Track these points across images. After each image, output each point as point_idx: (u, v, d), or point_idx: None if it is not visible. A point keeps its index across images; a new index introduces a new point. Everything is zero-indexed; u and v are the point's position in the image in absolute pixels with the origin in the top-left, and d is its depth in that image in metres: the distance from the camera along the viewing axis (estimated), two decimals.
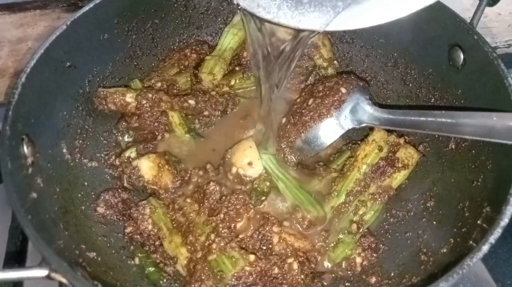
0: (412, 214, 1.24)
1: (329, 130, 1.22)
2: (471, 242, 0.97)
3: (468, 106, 1.21)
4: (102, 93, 1.31)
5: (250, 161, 1.20)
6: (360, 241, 1.16)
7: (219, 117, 1.39)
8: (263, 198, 1.19)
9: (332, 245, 1.15)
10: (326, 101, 1.22)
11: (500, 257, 1.30)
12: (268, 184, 1.20)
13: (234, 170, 1.19)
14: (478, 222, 1.01)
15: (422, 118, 1.07)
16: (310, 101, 1.25)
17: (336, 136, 1.22)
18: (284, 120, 1.31)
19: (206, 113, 1.38)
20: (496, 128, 0.92)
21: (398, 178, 1.22)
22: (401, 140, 1.23)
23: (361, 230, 1.16)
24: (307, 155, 1.25)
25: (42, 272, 0.81)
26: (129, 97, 1.33)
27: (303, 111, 1.25)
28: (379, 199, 1.19)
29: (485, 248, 0.84)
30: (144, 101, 1.32)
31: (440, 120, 1.03)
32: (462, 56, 1.20)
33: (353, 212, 1.18)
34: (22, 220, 0.86)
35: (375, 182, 1.19)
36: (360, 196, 1.19)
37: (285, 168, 1.25)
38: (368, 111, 1.21)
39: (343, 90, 1.22)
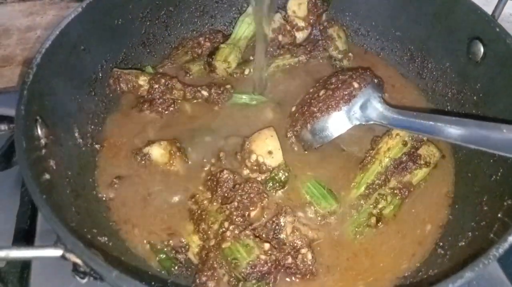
0: None
1: (336, 123, 1.20)
2: (492, 235, 0.96)
3: (486, 100, 1.20)
4: (116, 72, 1.32)
5: (270, 149, 1.18)
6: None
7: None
8: (279, 187, 1.18)
9: (350, 237, 1.13)
10: (336, 94, 1.20)
11: (509, 257, 1.28)
12: (286, 174, 1.18)
13: (254, 157, 1.17)
14: (499, 215, 0.99)
15: (431, 123, 1.07)
16: (321, 92, 1.24)
17: (343, 131, 1.21)
18: (294, 109, 1.31)
19: (217, 107, 1.36)
20: (504, 141, 0.92)
21: (419, 174, 1.20)
22: (425, 137, 1.21)
23: (380, 224, 1.14)
24: (312, 146, 1.24)
25: (57, 252, 0.80)
26: (142, 80, 1.32)
27: (312, 101, 1.24)
28: (399, 195, 1.17)
29: (511, 239, 0.82)
30: (156, 86, 1.31)
31: (450, 127, 1.03)
32: (482, 49, 1.19)
33: (372, 205, 1.16)
34: (37, 199, 0.84)
35: (395, 177, 1.18)
36: (380, 189, 1.17)
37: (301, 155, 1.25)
38: (378, 109, 1.19)
39: (356, 85, 1.20)
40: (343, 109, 1.19)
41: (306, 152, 1.25)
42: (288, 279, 1.06)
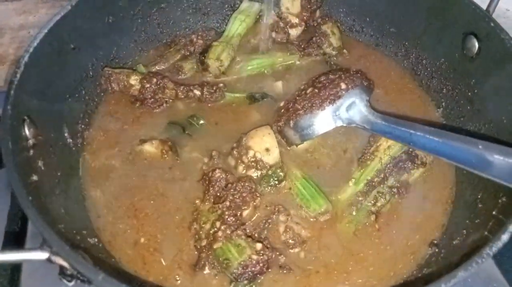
0: None
1: (318, 122, 1.19)
2: (486, 233, 0.95)
3: (481, 95, 1.19)
4: (107, 72, 1.31)
5: (268, 147, 1.17)
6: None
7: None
8: (274, 186, 1.17)
9: (349, 235, 1.12)
10: (322, 93, 1.19)
11: (504, 254, 1.27)
12: (282, 174, 1.17)
13: (251, 153, 1.16)
14: (494, 212, 0.98)
15: (411, 131, 1.06)
16: (309, 90, 1.23)
17: (325, 130, 1.20)
18: (281, 104, 1.30)
19: (210, 106, 1.35)
20: (478, 158, 0.92)
21: (416, 174, 1.19)
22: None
23: (378, 223, 1.13)
24: (294, 142, 1.23)
25: (43, 255, 0.78)
26: (133, 80, 1.31)
27: (297, 98, 1.23)
28: (397, 193, 1.16)
29: (505, 237, 0.82)
30: (148, 85, 1.30)
31: (427, 138, 1.02)
32: (477, 44, 1.18)
33: (371, 202, 1.15)
34: (23, 201, 0.83)
35: (393, 175, 1.17)
36: (378, 187, 1.16)
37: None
38: (362, 113, 1.18)
39: (343, 85, 1.19)
40: (326, 109, 1.18)
41: (297, 147, 1.24)
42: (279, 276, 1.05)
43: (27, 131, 0.99)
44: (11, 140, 0.91)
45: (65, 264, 0.78)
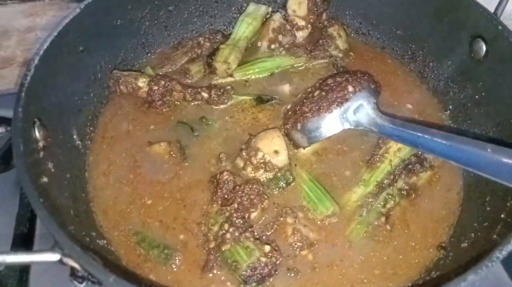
0: None
1: (326, 125, 1.19)
2: (495, 236, 0.95)
3: (488, 99, 1.20)
4: (116, 74, 1.32)
5: (277, 149, 1.18)
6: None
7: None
8: (282, 188, 1.17)
9: (359, 236, 1.12)
10: (329, 96, 1.20)
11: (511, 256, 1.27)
12: (291, 177, 1.18)
13: (260, 154, 1.17)
14: (502, 216, 0.99)
15: (419, 134, 1.06)
16: (316, 93, 1.24)
17: (333, 133, 1.20)
18: (288, 107, 1.31)
19: (217, 108, 1.35)
20: (487, 161, 0.92)
21: (424, 177, 1.20)
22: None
23: (388, 225, 1.14)
24: (301, 145, 1.23)
25: (54, 257, 0.79)
26: (142, 82, 1.32)
27: (305, 101, 1.24)
28: (407, 196, 1.17)
29: None
30: (156, 88, 1.30)
31: (436, 141, 1.02)
32: (484, 47, 1.18)
33: (381, 204, 1.15)
34: (34, 203, 0.83)
35: (402, 178, 1.17)
36: (388, 189, 1.17)
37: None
38: (370, 116, 1.18)
39: (350, 88, 1.20)
40: (334, 111, 1.19)
41: (304, 150, 1.24)
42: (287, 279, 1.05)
43: (37, 134, 1.00)
44: (22, 142, 0.92)
45: (76, 265, 0.79)
